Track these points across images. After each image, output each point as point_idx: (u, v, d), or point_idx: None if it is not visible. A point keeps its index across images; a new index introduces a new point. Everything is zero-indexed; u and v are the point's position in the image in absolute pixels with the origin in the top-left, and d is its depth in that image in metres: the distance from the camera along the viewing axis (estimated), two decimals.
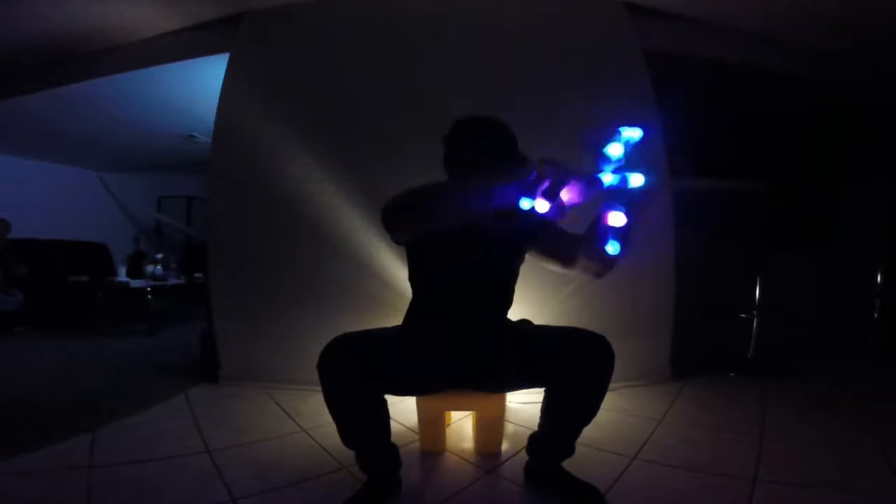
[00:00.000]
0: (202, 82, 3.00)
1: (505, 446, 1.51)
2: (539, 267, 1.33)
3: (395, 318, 1.36)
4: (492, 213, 0.99)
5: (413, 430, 1.61)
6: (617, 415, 1.79)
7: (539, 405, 1.23)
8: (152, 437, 1.59)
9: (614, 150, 0.94)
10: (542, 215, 0.94)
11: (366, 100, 2.25)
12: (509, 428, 1.67)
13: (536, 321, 1.33)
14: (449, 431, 1.64)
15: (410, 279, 1.35)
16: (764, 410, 1.84)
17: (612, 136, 0.95)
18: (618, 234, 1.00)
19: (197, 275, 4.28)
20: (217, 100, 2.35)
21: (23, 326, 3.68)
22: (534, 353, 1.17)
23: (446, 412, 1.60)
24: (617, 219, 0.97)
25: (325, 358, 1.05)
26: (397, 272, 2.11)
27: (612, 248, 1.00)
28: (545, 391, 1.21)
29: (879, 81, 2.76)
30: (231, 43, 2.40)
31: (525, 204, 0.91)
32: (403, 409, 1.74)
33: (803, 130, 3.14)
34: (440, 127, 1.30)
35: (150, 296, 3.85)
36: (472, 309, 1.25)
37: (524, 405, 1.92)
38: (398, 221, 1.08)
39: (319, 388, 1.06)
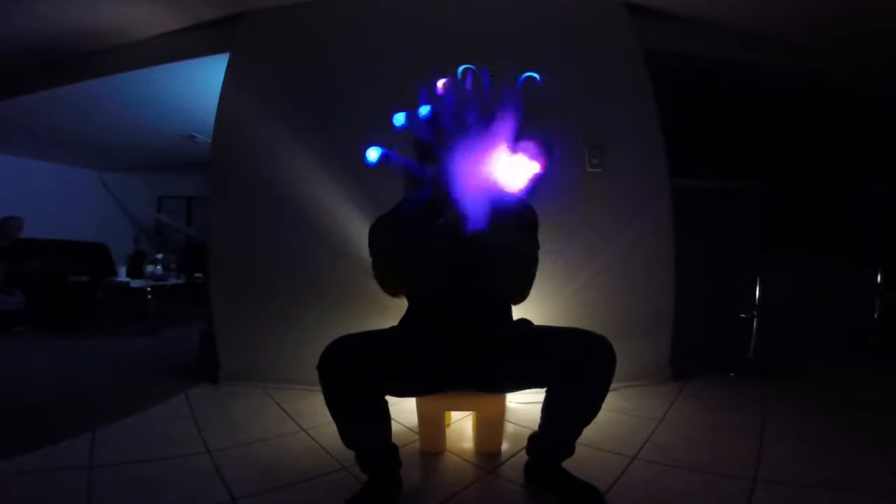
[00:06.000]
0: (202, 82, 3.00)
1: (505, 446, 1.51)
2: (539, 267, 1.33)
3: (395, 319, 1.36)
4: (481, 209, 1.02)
5: (413, 430, 1.61)
6: (617, 415, 1.79)
7: (539, 405, 1.23)
8: (152, 437, 1.59)
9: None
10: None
11: (366, 100, 2.25)
12: (509, 428, 1.67)
13: (536, 321, 1.32)
14: (449, 431, 1.64)
15: (408, 280, 1.34)
16: (764, 410, 1.84)
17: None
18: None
19: (197, 275, 4.28)
20: (217, 100, 2.35)
21: (22, 326, 3.68)
22: (534, 354, 1.17)
23: (446, 412, 1.60)
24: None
25: (326, 359, 1.05)
26: None
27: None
28: (546, 391, 1.20)
29: (880, 81, 2.76)
30: (231, 43, 2.40)
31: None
32: (403, 409, 1.74)
33: (803, 130, 3.14)
34: None
35: (150, 296, 3.85)
36: (470, 309, 1.25)
37: (524, 405, 1.91)
38: (382, 245, 1.17)
39: (319, 389, 1.06)
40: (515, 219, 1.20)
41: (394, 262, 1.24)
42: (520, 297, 1.32)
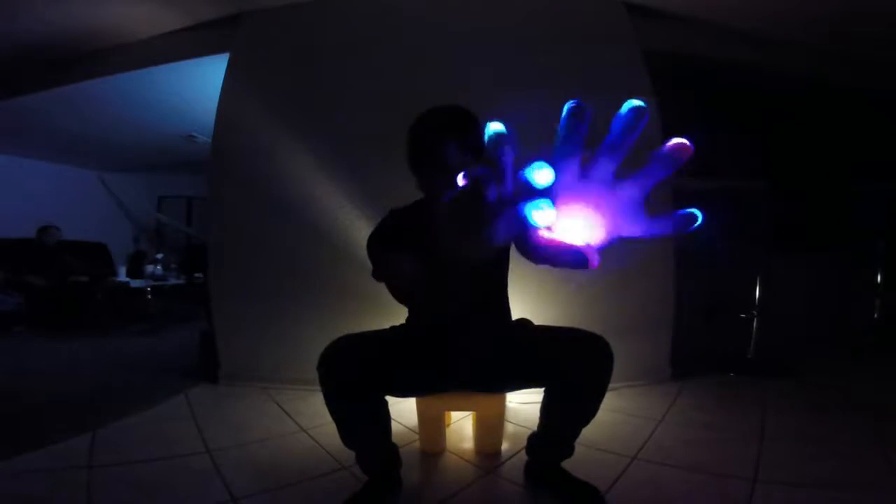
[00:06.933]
0: (202, 82, 3.00)
1: (505, 446, 1.51)
2: (539, 266, 1.33)
3: (395, 319, 1.36)
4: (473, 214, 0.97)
5: (413, 430, 1.61)
6: (617, 415, 1.79)
7: (539, 405, 1.23)
8: (152, 437, 1.59)
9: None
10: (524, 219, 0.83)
11: (365, 99, 2.25)
12: (509, 428, 1.67)
13: (536, 321, 1.32)
14: (449, 431, 1.64)
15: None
16: (764, 410, 1.84)
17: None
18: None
19: (197, 275, 4.28)
20: (217, 100, 2.35)
21: (21, 326, 3.68)
22: (533, 354, 1.17)
23: (446, 412, 1.60)
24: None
25: (326, 360, 1.05)
26: None
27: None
28: (545, 391, 1.20)
29: (880, 81, 2.76)
30: (231, 43, 2.41)
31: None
32: (403, 409, 1.74)
33: (804, 130, 3.14)
34: None
35: (150, 296, 3.86)
36: (470, 309, 1.24)
37: (524, 405, 1.92)
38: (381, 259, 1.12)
39: (319, 388, 1.06)
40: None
41: (398, 272, 1.18)
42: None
